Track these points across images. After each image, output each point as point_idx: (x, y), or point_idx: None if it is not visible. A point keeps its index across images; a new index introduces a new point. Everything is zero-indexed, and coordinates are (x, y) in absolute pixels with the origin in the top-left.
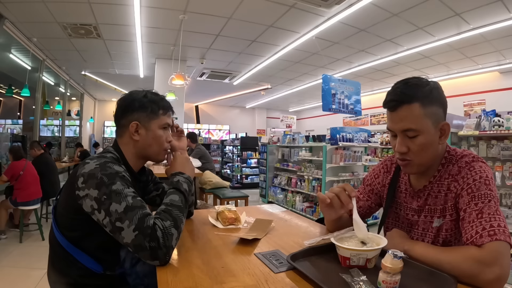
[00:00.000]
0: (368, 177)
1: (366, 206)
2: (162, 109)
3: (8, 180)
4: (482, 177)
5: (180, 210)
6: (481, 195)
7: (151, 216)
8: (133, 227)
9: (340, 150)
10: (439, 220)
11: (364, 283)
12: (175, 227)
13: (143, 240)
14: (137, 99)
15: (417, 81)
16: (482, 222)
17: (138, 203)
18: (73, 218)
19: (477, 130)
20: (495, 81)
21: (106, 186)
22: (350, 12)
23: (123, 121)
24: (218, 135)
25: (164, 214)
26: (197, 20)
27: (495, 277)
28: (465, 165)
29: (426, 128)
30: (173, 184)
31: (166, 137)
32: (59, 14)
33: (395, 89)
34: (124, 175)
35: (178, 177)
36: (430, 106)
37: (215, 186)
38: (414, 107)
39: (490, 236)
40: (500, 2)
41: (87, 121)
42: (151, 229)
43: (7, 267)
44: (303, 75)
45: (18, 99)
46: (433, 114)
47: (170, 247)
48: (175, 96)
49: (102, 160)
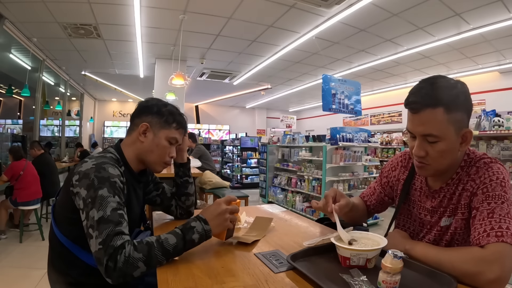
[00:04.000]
0: (386, 168)
1: (379, 199)
2: (176, 123)
3: (8, 180)
4: (499, 178)
5: (164, 254)
6: (495, 195)
7: (122, 236)
8: (99, 240)
9: (340, 150)
10: (449, 219)
11: (364, 283)
12: (145, 263)
13: (103, 256)
14: (157, 105)
15: (444, 83)
16: (491, 222)
17: (115, 218)
18: (70, 216)
19: (477, 130)
20: (495, 81)
21: (94, 190)
22: (350, 12)
23: (137, 120)
24: (218, 135)
25: (142, 246)
26: (197, 20)
27: (495, 277)
28: (483, 165)
29: (448, 135)
30: (185, 227)
31: (170, 152)
32: (59, 14)
33: (420, 89)
34: (115, 181)
35: (197, 223)
36: (455, 112)
37: (215, 186)
38: (438, 112)
39: (497, 236)
40: (500, 2)
41: (87, 121)
42: (114, 249)
43: (7, 267)
44: (303, 75)
45: (18, 99)
46: (457, 120)
47: (127, 275)
48: (175, 96)
49: (99, 160)
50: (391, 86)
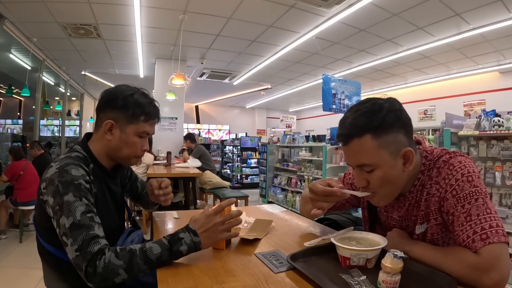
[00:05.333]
0: (351, 175)
1: (340, 204)
2: (144, 115)
3: (8, 180)
4: (464, 175)
5: (146, 263)
6: (466, 195)
7: (98, 241)
8: (75, 247)
9: (340, 150)
10: (423, 226)
11: (364, 283)
12: (126, 270)
13: (82, 262)
14: (121, 96)
15: (367, 107)
16: (472, 225)
17: (86, 222)
18: (46, 225)
19: (477, 130)
20: (495, 81)
21: (60, 196)
22: (350, 12)
23: (102, 116)
24: (218, 135)
25: (124, 254)
26: (197, 20)
27: (494, 283)
28: (443, 164)
29: (382, 161)
30: (173, 238)
31: (142, 145)
32: (59, 14)
33: (345, 120)
34: (80, 183)
35: (185, 235)
36: (385, 135)
37: (215, 186)
38: (366, 140)
39: (482, 240)
40: (500, 2)
41: (87, 121)
42: (92, 255)
43: (7, 267)
44: (303, 75)
45: (18, 99)
46: (389, 143)
47: (108, 280)
48: (175, 96)
49: (62, 163)
50: (391, 86)
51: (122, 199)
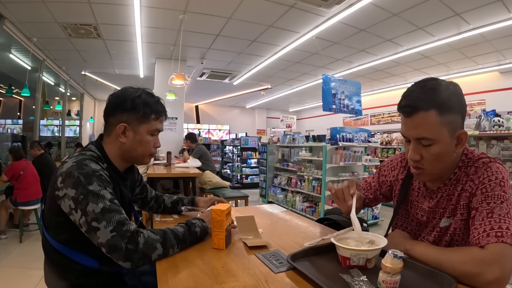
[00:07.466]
0: (385, 167)
1: (375, 196)
2: (154, 113)
3: (8, 180)
4: (498, 178)
5: (176, 239)
6: (494, 195)
7: (129, 222)
8: (110, 228)
9: (340, 150)
10: (449, 220)
11: (364, 283)
12: (162, 244)
13: (120, 241)
14: (130, 98)
15: (435, 85)
16: (491, 222)
17: (115, 207)
18: (58, 220)
19: (477, 130)
20: (495, 81)
21: (83, 186)
22: (350, 12)
23: (112, 120)
24: (218, 135)
25: (157, 231)
26: (197, 20)
27: (495, 278)
28: (482, 165)
29: (442, 137)
30: (188, 222)
31: (154, 143)
32: (59, 14)
33: (411, 93)
34: (101, 174)
35: (196, 221)
36: (448, 114)
37: (215, 186)
38: (431, 115)
39: (497, 237)
40: (500, 2)
41: (87, 121)
42: (132, 233)
43: (7, 267)
44: (303, 75)
45: (18, 99)
46: (450, 122)
47: (147, 256)
48: (175, 96)
49: (79, 158)
50: (391, 86)
51: (130, 202)
